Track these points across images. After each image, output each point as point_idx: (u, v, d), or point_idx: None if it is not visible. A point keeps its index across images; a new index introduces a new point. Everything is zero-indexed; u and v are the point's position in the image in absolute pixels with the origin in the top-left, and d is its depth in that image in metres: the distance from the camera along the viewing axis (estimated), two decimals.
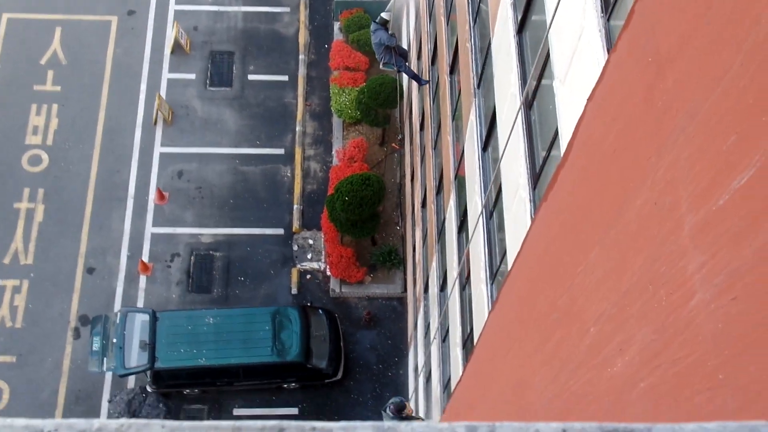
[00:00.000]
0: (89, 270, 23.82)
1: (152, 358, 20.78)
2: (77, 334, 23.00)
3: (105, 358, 20.88)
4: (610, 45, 6.45)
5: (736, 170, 2.73)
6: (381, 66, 20.01)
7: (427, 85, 19.15)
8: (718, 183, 2.84)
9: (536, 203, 8.83)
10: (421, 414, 18.48)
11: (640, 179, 3.50)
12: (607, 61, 3.90)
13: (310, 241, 24.43)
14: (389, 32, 19.26)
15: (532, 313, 5.24)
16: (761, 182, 2.59)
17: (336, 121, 26.34)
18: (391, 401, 15.90)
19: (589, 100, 4.08)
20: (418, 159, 21.24)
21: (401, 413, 15.60)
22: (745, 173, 2.66)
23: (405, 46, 21.67)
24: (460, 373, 13.04)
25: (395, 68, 19.84)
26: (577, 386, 4.17)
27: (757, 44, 2.62)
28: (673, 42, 3.23)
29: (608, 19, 6.57)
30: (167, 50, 27.28)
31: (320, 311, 22.60)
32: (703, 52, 2.98)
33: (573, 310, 4.25)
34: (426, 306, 18.97)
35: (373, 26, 19.48)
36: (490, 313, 7.06)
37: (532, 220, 8.28)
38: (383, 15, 19.33)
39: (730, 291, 2.72)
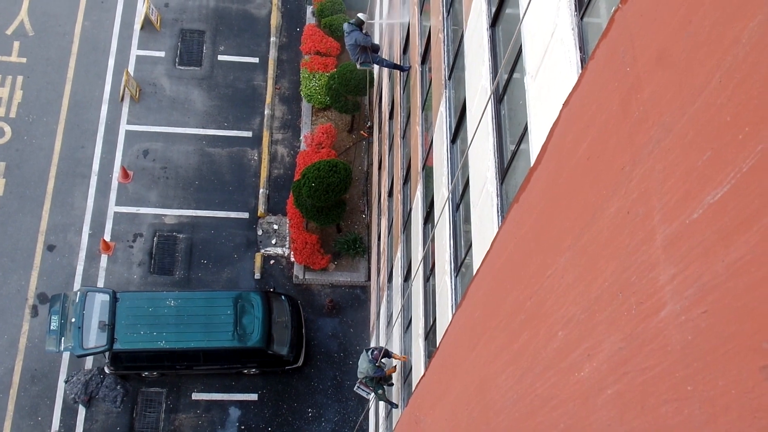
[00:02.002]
0: (49, 247, 23.52)
1: (111, 339, 20.59)
2: (35, 312, 22.72)
3: (63, 338, 20.64)
4: (583, 43, 6.49)
5: (710, 185, 2.76)
6: (358, 66, 19.74)
7: (401, 72, 19.06)
8: (692, 197, 2.87)
9: (503, 198, 8.88)
10: (381, 406, 18.54)
11: (614, 187, 3.53)
12: (584, 69, 3.92)
13: (275, 226, 24.34)
14: (364, 32, 19.09)
15: (499, 312, 5.28)
16: (735, 199, 2.62)
17: (305, 106, 26.23)
18: (377, 347, 15.98)
19: (564, 105, 4.10)
20: (386, 148, 21.24)
21: (381, 363, 15.74)
22: (719, 189, 2.70)
23: (377, 39, 21.57)
24: (422, 366, 13.10)
25: (372, 66, 19.68)
26: (543, 389, 4.21)
27: (736, 63, 2.64)
28: (652, 54, 3.26)
29: (582, 18, 6.61)
30: (137, 26, 26.94)
31: (283, 297, 22.55)
32: (682, 67, 3.00)
33: (541, 313, 4.29)
34: (389, 295, 19.01)
35: (347, 27, 19.01)
36: (456, 309, 7.11)
37: (502, 219, 8.32)
38: (360, 16, 19.10)
39: (700, 304, 2.75)
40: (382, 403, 18.37)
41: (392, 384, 16.83)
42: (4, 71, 25.77)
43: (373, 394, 16.70)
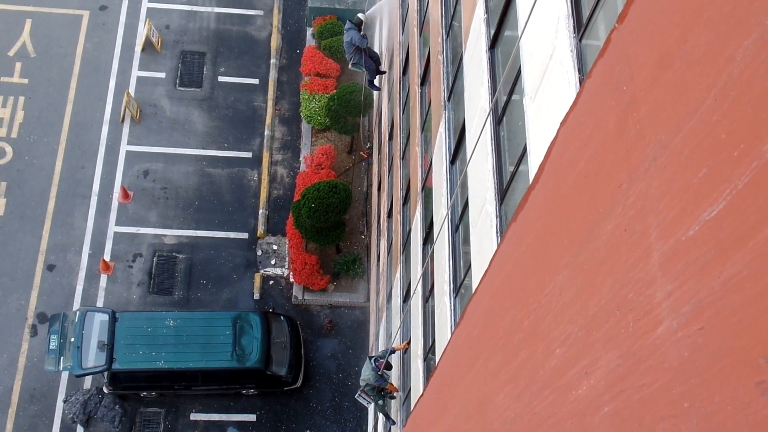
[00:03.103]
0: (49, 267, 23.52)
1: (110, 359, 20.55)
2: (34, 331, 22.68)
3: (62, 357, 20.60)
4: (582, 65, 6.53)
5: (706, 202, 2.78)
6: (350, 66, 20.09)
7: (378, 73, 19.40)
8: (688, 213, 2.89)
9: (503, 218, 8.89)
10: (380, 427, 18.46)
11: (611, 205, 3.55)
12: (581, 87, 3.95)
13: (275, 247, 24.34)
14: (362, 33, 19.35)
15: (497, 331, 5.28)
16: (731, 215, 2.64)
17: (305, 127, 26.31)
18: (381, 356, 15.65)
19: (562, 124, 4.13)
20: (385, 169, 21.28)
21: (384, 373, 15.55)
22: (716, 206, 2.71)
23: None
24: (421, 387, 13.07)
25: (363, 69, 19.93)
26: (540, 407, 4.21)
27: (730, 81, 2.67)
28: (648, 72, 3.29)
29: (580, 40, 6.65)
30: (138, 48, 27.09)
31: (282, 318, 22.52)
32: (678, 85, 3.03)
33: (539, 331, 4.30)
34: (388, 316, 18.98)
35: (347, 25, 19.59)
36: (455, 328, 7.11)
37: (500, 238, 8.33)
38: (359, 15, 19.52)
39: (697, 320, 2.76)
40: (381, 425, 18.29)
41: (393, 397, 16.71)
42: (6, 92, 25.89)
43: (373, 403, 16.61)
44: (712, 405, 2.63)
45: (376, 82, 19.97)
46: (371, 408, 17.14)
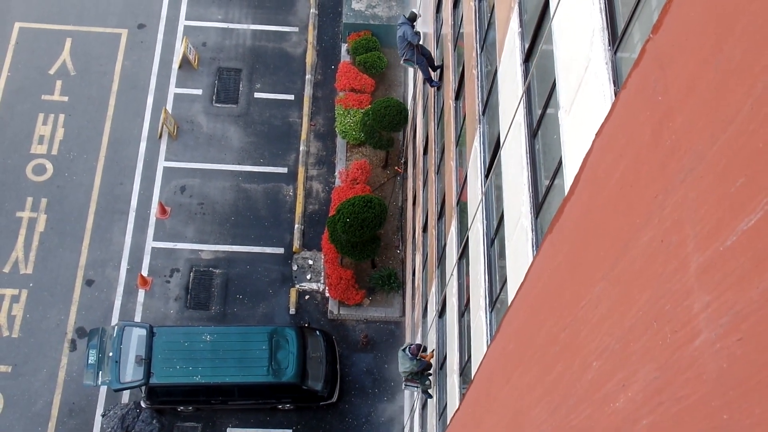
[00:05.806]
0: (88, 282, 23.81)
1: (147, 374, 20.71)
2: (73, 346, 22.95)
3: (100, 372, 20.80)
4: (617, 77, 6.50)
5: (743, 212, 2.75)
6: (401, 62, 19.77)
7: (431, 87, 19.09)
8: (725, 224, 2.86)
9: (538, 232, 8.85)
10: None
11: (647, 216, 3.53)
12: (616, 99, 3.94)
13: (310, 262, 24.42)
14: (414, 30, 19.12)
15: (533, 344, 5.26)
16: None
17: (340, 142, 26.42)
18: (412, 343, 16.21)
19: (596, 135, 4.12)
20: (420, 183, 21.29)
21: (419, 356, 16.02)
22: (753, 216, 2.69)
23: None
24: (457, 402, 13.02)
25: (415, 66, 19.66)
26: (577, 421, 4.18)
27: (767, 90, 2.65)
28: (684, 82, 3.27)
29: (615, 52, 6.62)
30: (175, 65, 27.43)
31: (317, 332, 22.55)
32: (713, 94, 3.01)
33: (575, 344, 4.27)
34: (424, 331, 18.93)
35: (400, 19, 19.33)
36: (491, 342, 7.08)
37: (536, 251, 8.30)
38: (414, 10, 19.32)
39: (735, 331, 2.73)
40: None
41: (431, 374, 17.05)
42: (46, 110, 26.34)
43: (420, 386, 17.02)
44: (752, 417, 2.59)
45: (434, 76, 19.41)
46: (406, 413, 17.44)
